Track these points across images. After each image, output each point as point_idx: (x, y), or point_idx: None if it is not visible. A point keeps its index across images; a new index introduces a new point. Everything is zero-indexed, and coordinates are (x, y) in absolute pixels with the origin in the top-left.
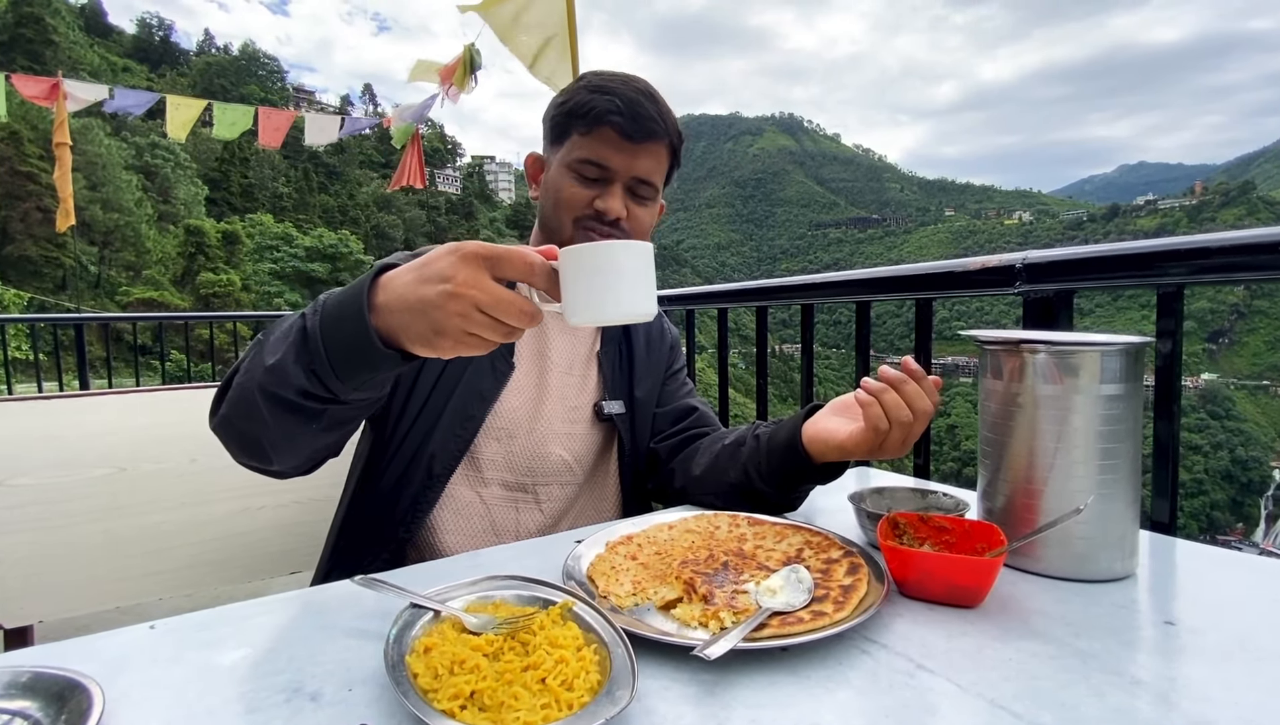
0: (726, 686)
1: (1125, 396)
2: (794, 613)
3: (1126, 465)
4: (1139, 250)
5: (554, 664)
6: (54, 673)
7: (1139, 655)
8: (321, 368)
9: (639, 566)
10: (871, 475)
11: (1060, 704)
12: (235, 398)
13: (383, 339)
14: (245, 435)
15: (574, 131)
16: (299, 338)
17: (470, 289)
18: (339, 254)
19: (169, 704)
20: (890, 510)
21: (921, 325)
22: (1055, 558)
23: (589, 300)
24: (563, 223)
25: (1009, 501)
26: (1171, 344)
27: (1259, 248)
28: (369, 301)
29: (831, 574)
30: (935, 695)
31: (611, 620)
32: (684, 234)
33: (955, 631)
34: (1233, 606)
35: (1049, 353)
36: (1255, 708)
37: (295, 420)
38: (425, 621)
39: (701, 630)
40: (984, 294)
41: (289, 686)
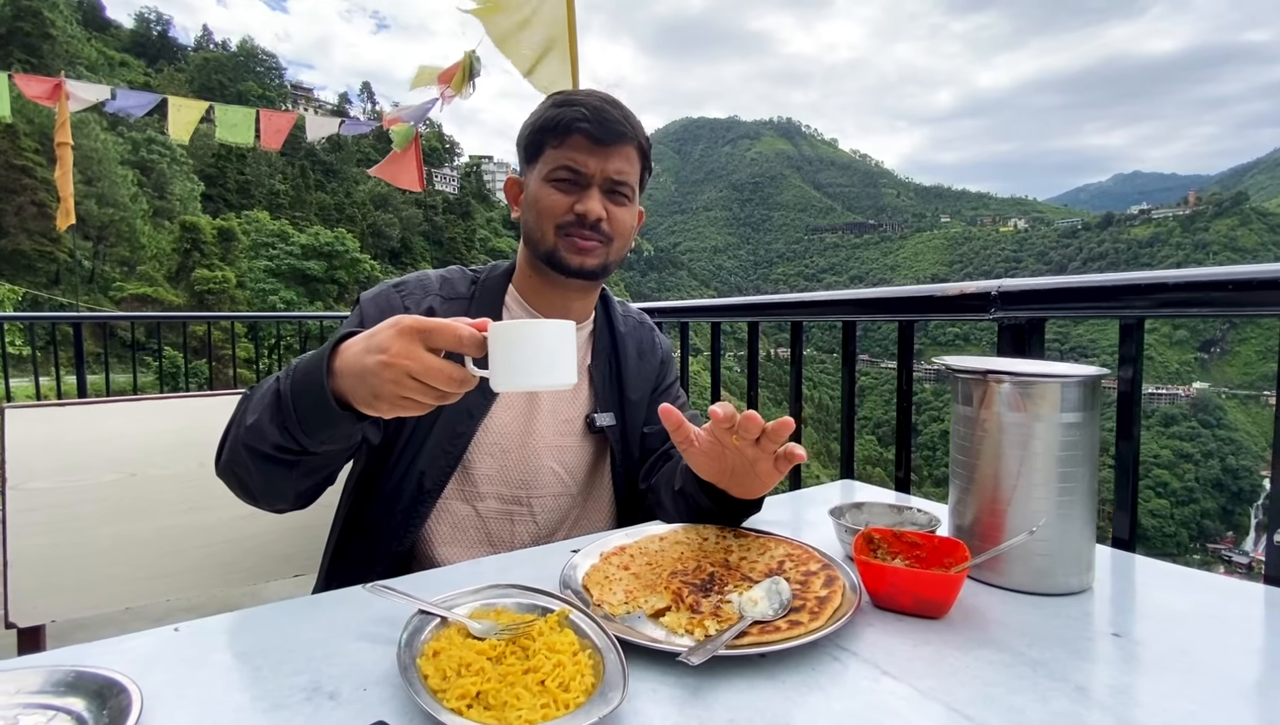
0: (709, 690)
1: (1083, 424)
2: (773, 621)
3: (1083, 488)
4: (1104, 283)
5: (552, 667)
6: (95, 672)
7: (1085, 664)
8: (292, 425)
9: (631, 576)
10: (856, 490)
11: (1009, 708)
12: (230, 449)
13: (338, 401)
14: (241, 481)
15: (547, 146)
16: (273, 399)
17: (403, 359)
18: (335, 252)
19: (200, 702)
20: (867, 525)
21: (904, 344)
22: (1017, 573)
23: (512, 371)
24: (546, 232)
25: (976, 519)
26: (1132, 370)
27: (1210, 285)
28: (328, 367)
29: (809, 585)
30: (896, 699)
31: (605, 627)
32: (681, 236)
33: (920, 640)
34: (1177, 620)
35: (1013, 383)
36: (1183, 714)
37: (275, 470)
38: (433, 627)
39: (688, 637)
40: (962, 318)
41: (308, 686)
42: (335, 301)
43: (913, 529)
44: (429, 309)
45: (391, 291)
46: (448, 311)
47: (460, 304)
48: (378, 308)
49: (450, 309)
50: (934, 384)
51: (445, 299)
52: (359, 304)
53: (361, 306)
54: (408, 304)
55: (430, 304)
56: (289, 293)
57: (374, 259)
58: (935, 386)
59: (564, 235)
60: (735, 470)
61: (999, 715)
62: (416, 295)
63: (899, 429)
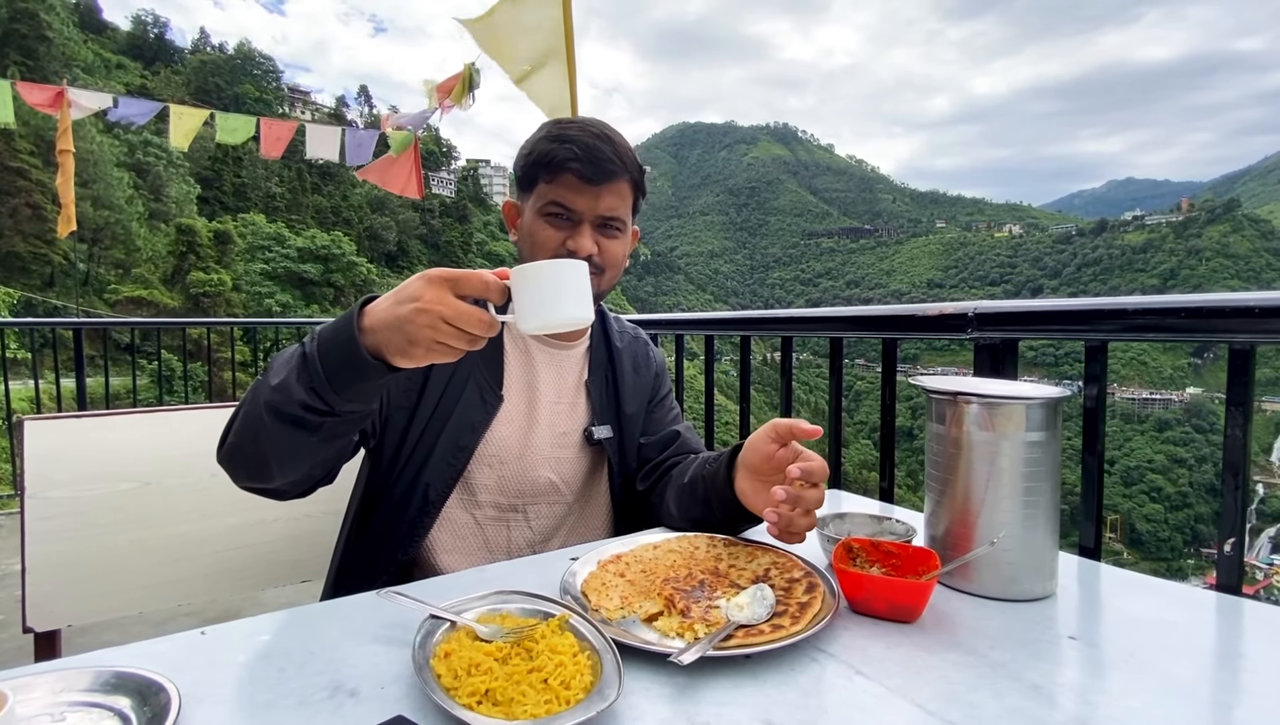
0: (697, 687)
1: (1046, 442)
2: (757, 625)
3: (1046, 501)
4: (1070, 308)
5: (554, 667)
6: (135, 673)
7: (1041, 665)
8: (319, 384)
9: (626, 583)
10: (842, 500)
11: (968, 704)
12: (242, 425)
13: (370, 354)
14: (251, 456)
15: (540, 180)
16: (300, 361)
17: (436, 305)
18: (331, 255)
19: (231, 700)
20: (849, 535)
21: (887, 360)
22: (986, 580)
23: (536, 309)
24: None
25: (948, 529)
26: (1097, 390)
27: (1165, 312)
28: (358, 325)
29: (792, 592)
30: (866, 697)
31: (602, 630)
32: (678, 241)
33: (892, 643)
34: (1130, 624)
35: (981, 404)
36: (1124, 709)
37: (297, 434)
38: (443, 630)
39: (679, 640)
40: (942, 337)
41: (330, 685)
42: (331, 305)
43: (890, 538)
44: None
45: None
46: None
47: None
48: None
49: None
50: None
51: None
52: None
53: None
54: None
55: None
56: (285, 296)
57: (370, 262)
58: None
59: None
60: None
61: (958, 710)
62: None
63: (883, 442)
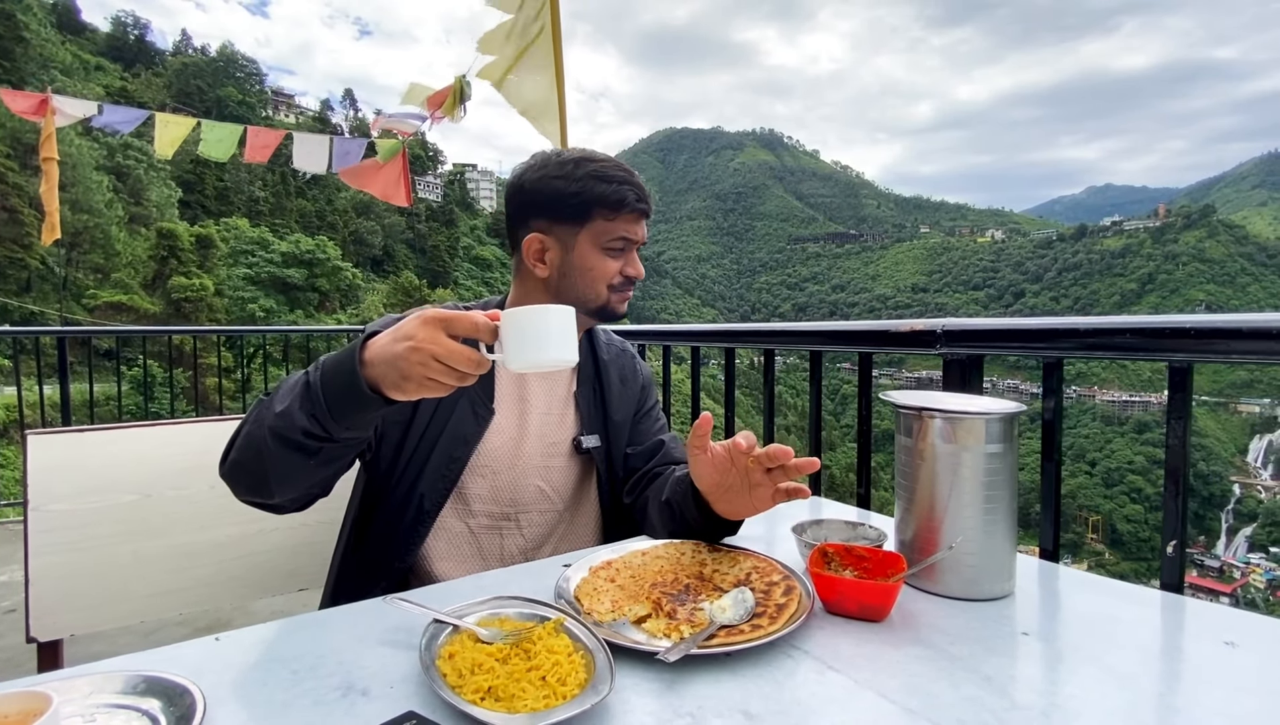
0: (683, 683)
1: (1003, 454)
2: (738, 625)
3: (1004, 508)
4: (1029, 327)
5: (551, 666)
6: (161, 676)
7: (995, 658)
8: (320, 412)
9: (617, 588)
10: (822, 507)
11: (927, 694)
12: (244, 443)
13: (368, 387)
14: (253, 474)
15: (596, 216)
16: (303, 390)
17: (428, 344)
18: (316, 260)
19: (250, 702)
20: (825, 540)
21: (863, 373)
22: (950, 581)
23: (523, 351)
24: (600, 292)
25: (915, 534)
26: (1054, 403)
27: (1113, 332)
28: (360, 358)
29: (771, 594)
30: (837, 690)
31: (595, 632)
32: (665, 245)
33: (862, 640)
34: (1077, 620)
35: (944, 418)
36: (1067, 697)
37: (298, 457)
38: (446, 633)
39: (666, 640)
40: (913, 352)
41: (342, 685)
42: (316, 310)
43: (863, 543)
44: None
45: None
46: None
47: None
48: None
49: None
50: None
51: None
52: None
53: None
54: None
55: None
56: (268, 301)
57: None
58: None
59: (614, 291)
60: (731, 489)
61: (918, 700)
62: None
63: (860, 450)
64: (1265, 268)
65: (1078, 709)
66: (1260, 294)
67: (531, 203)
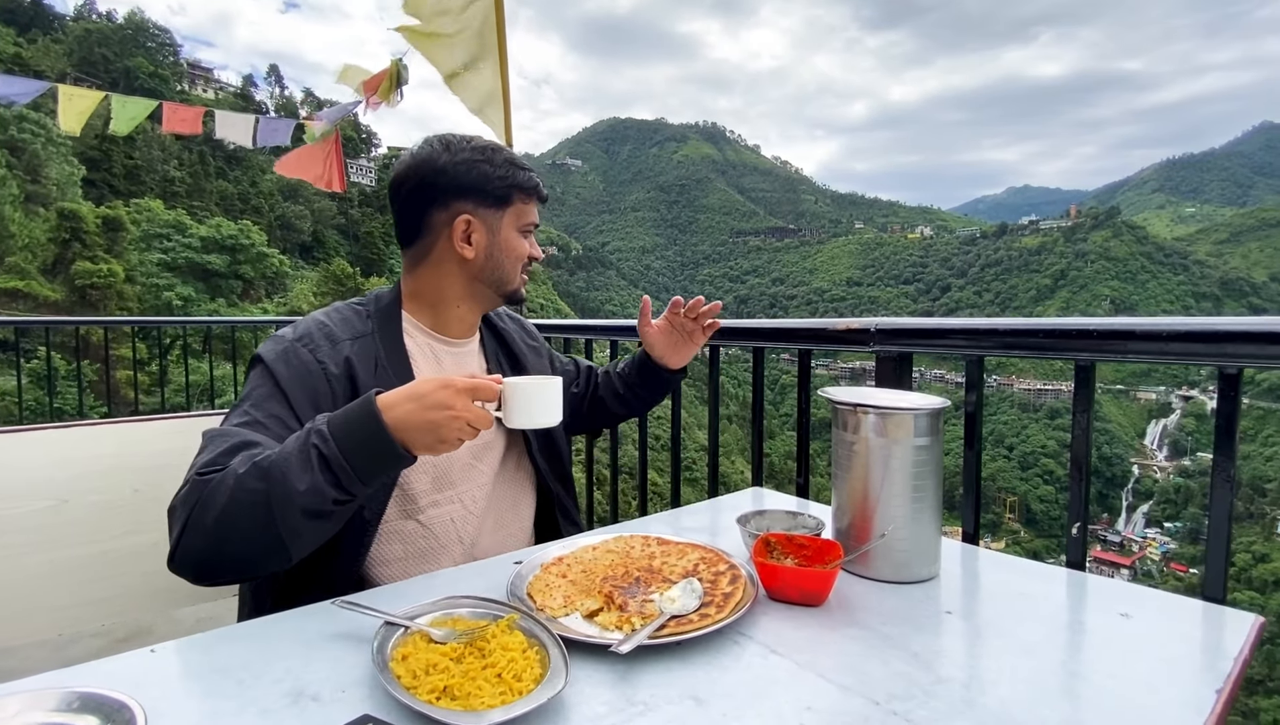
0: (636, 673)
1: (930, 446)
2: (687, 615)
3: (930, 496)
4: (953, 327)
5: (507, 663)
6: (95, 693)
7: (921, 635)
8: (348, 479)
9: (569, 584)
10: (764, 497)
11: (860, 671)
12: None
13: (404, 450)
14: (242, 556)
15: (517, 201)
16: (320, 463)
17: (465, 412)
18: (239, 245)
19: (195, 712)
20: (767, 530)
21: (803, 369)
22: (881, 566)
23: (522, 414)
24: (515, 272)
25: (850, 523)
26: (975, 396)
27: (1028, 332)
28: (383, 424)
29: (717, 584)
30: (779, 670)
31: (549, 627)
32: (609, 236)
33: (802, 624)
34: (994, 598)
35: (876, 413)
36: (984, 669)
37: (323, 525)
38: (398, 635)
39: (618, 632)
40: (849, 350)
41: (292, 691)
42: (240, 298)
43: (803, 532)
44: (346, 358)
45: (299, 348)
46: (361, 351)
47: (367, 341)
48: (291, 368)
49: (361, 348)
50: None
51: (353, 340)
52: (264, 365)
53: (270, 368)
54: (320, 358)
55: (345, 353)
56: (186, 288)
57: (283, 254)
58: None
59: (521, 273)
60: (676, 343)
61: (853, 677)
62: (325, 347)
63: (799, 444)
64: (1162, 266)
65: (993, 679)
66: (1158, 290)
67: (456, 186)
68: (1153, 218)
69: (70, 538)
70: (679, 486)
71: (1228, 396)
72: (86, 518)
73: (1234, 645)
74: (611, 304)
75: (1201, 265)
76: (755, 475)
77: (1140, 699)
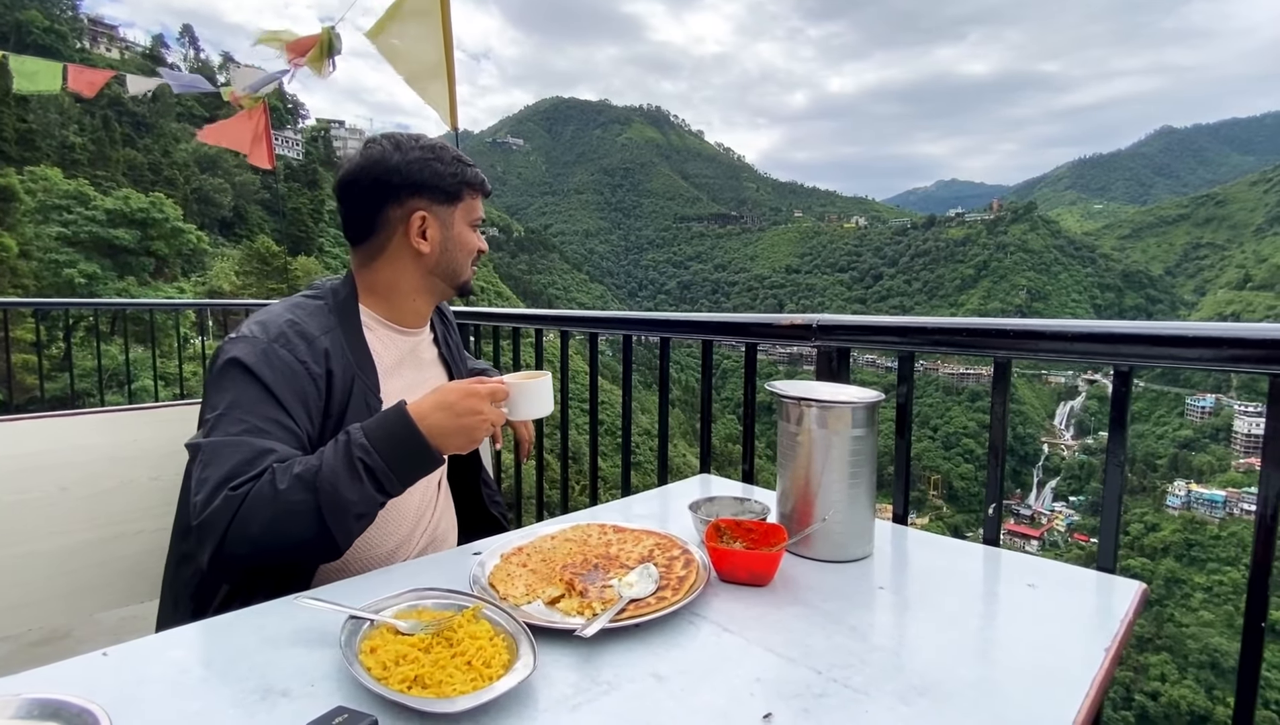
0: (598, 655)
1: (866, 436)
2: (645, 599)
3: (865, 482)
4: (888, 324)
5: (476, 650)
6: (51, 698)
7: (858, 610)
8: (391, 484)
9: (529, 572)
10: (712, 483)
11: (804, 644)
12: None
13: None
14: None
15: (466, 197)
16: (368, 474)
17: (492, 415)
18: (151, 220)
19: (161, 713)
20: (717, 516)
21: (749, 362)
22: (821, 547)
23: (525, 408)
24: (466, 265)
25: (794, 508)
26: (906, 388)
27: (953, 331)
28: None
29: (672, 568)
30: (731, 648)
31: (513, 615)
32: (552, 218)
33: (751, 604)
34: (922, 574)
35: (818, 406)
36: (912, 637)
37: (368, 522)
38: (365, 629)
39: (579, 617)
40: (792, 344)
41: (260, 688)
42: (152, 276)
43: (750, 517)
44: (324, 352)
45: (278, 350)
46: (332, 346)
47: (335, 335)
48: (275, 370)
49: (332, 343)
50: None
51: (324, 333)
52: (243, 368)
53: (253, 372)
54: (300, 357)
55: (321, 347)
56: (90, 265)
57: (201, 229)
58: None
59: (471, 265)
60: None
61: (797, 650)
62: (302, 346)
63: (745, 433)
64: (1072, 259)
65: (919, 646)
66: (1069, 281)
67: (410, 183)
68: (1065, 213)
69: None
70: (629, 474)
71: (1120, 391)
72: (11, 519)
73: (1121, 609)
74: (555, 287)
75: (1107, 258)
76: (703, 462)
77: (1042, 658)
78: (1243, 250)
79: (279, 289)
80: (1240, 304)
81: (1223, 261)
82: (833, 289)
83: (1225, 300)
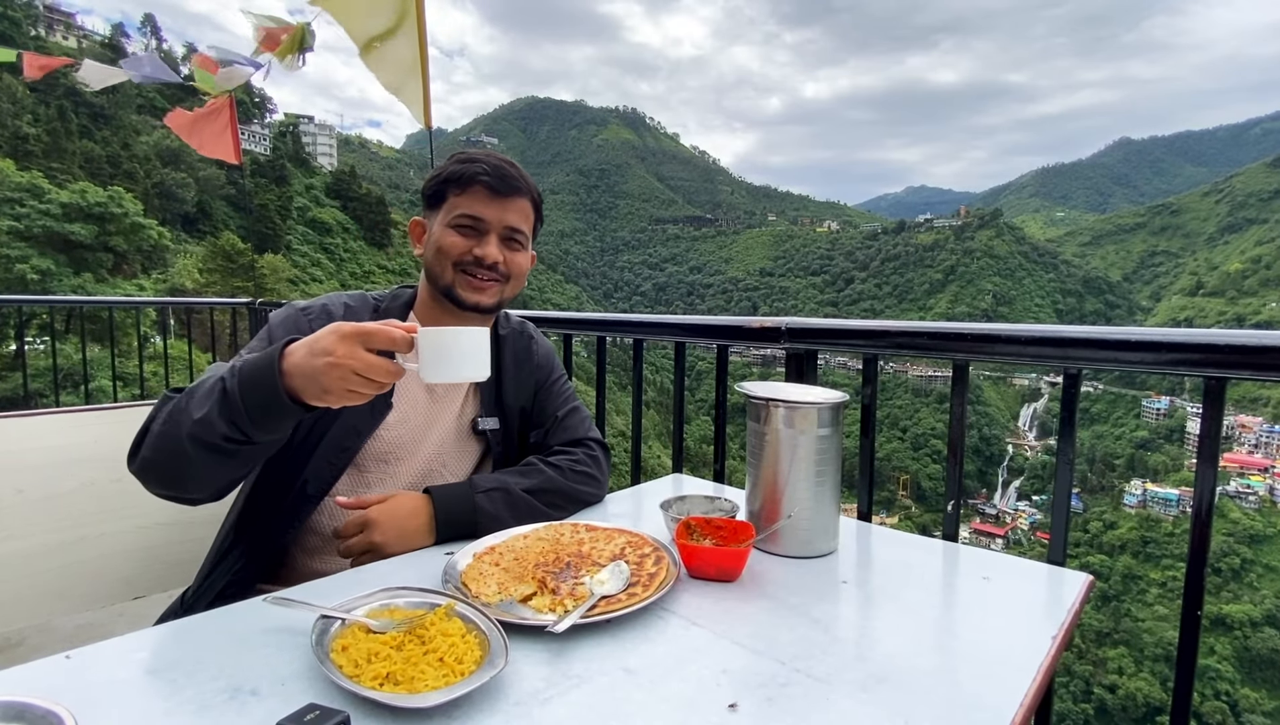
0: (570, 650)
1: (831, 436)
2: (616, 595)
3: (831, 481)
4: (854, 327)
5: (448, 647)
6: (16, 700)
7: (821, 603)
8: (240, 418)
9: (501, 571)
10: (684, 483)
11: (769, 637)
12: (159, 444)
13: (290, 397)
14: (167, 472)
15: (450, 195)
16: (220, 397)
17: (348, 359)
18: (110, 215)
19: (128, 715)
20: (688, 514)
21: (721, 363)
22: (789, 543)
23: (439, 367)
24: (445, 269)
25: (761, 505)
26: (871, 390)
27: (916, 334)
28: (279, 369)
29: (643, 565)
30: (700, 641)
31: (486, 612)
32: None
33: (719, 598)
34: (884, 568)
35: (785, 407)
36: (874, 629)
37: (216, 458)
38: (336, 627)
39: (552, 614)
40: (764, 347)
41: (229, 688)
42: (110, 273)
43: (719, 515)
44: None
45: (299, 315)
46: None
47: (362, 319)
48: (287, 331)
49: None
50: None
51: (351, 317)
52: (267, 327)
53: (270, 329)
54: (315, 328)
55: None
56: (44, 261)
57: (163, 225)
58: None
59: (460, 272)
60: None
61: (763, 642)
62: (321, 321)
63: (717, 433)
64: (1036, 264)
65: (880, 637)
66: (1032, 286)
67: (422, 196)
68: (1029, 220)
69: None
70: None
71: (1070, 392)
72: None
73: (1068, 600)
74: (529, 288)
75: (1068, 264)
76: (675, 462)
77: (994, 646)
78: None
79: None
80: (1193, 309)
81: (1177, 268)
82: (806, 292)
83: (1179, 306)
